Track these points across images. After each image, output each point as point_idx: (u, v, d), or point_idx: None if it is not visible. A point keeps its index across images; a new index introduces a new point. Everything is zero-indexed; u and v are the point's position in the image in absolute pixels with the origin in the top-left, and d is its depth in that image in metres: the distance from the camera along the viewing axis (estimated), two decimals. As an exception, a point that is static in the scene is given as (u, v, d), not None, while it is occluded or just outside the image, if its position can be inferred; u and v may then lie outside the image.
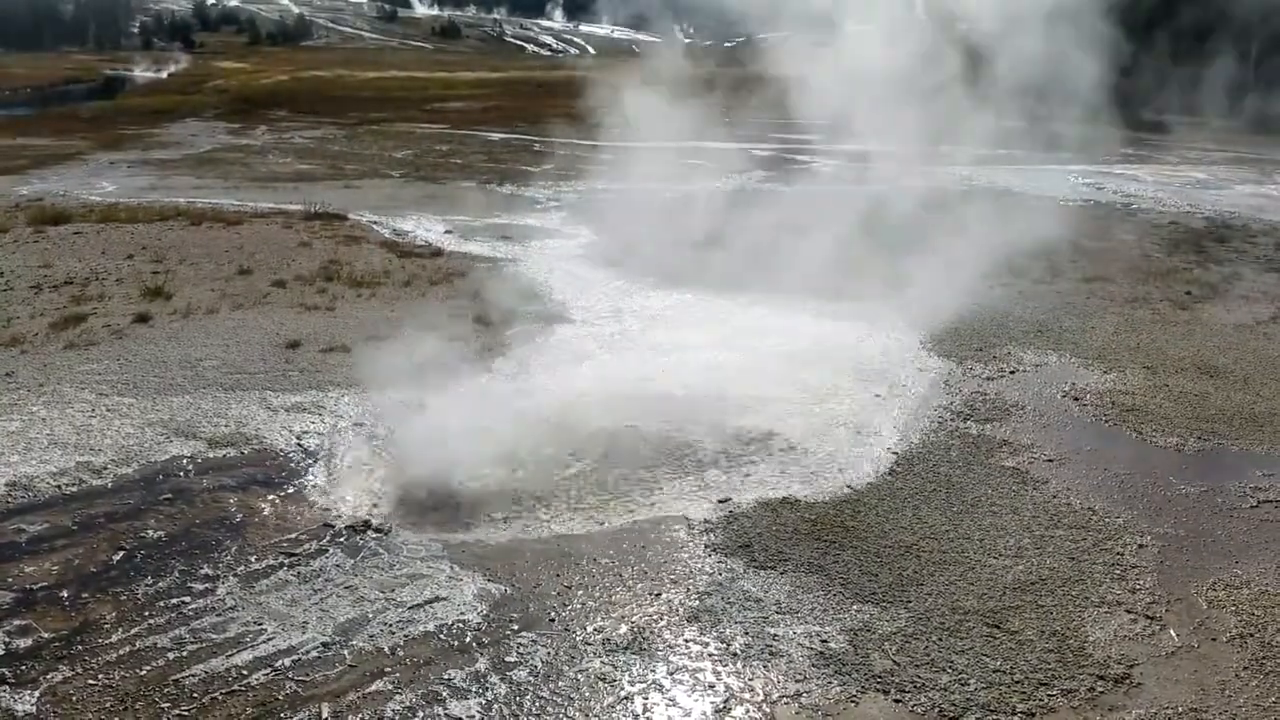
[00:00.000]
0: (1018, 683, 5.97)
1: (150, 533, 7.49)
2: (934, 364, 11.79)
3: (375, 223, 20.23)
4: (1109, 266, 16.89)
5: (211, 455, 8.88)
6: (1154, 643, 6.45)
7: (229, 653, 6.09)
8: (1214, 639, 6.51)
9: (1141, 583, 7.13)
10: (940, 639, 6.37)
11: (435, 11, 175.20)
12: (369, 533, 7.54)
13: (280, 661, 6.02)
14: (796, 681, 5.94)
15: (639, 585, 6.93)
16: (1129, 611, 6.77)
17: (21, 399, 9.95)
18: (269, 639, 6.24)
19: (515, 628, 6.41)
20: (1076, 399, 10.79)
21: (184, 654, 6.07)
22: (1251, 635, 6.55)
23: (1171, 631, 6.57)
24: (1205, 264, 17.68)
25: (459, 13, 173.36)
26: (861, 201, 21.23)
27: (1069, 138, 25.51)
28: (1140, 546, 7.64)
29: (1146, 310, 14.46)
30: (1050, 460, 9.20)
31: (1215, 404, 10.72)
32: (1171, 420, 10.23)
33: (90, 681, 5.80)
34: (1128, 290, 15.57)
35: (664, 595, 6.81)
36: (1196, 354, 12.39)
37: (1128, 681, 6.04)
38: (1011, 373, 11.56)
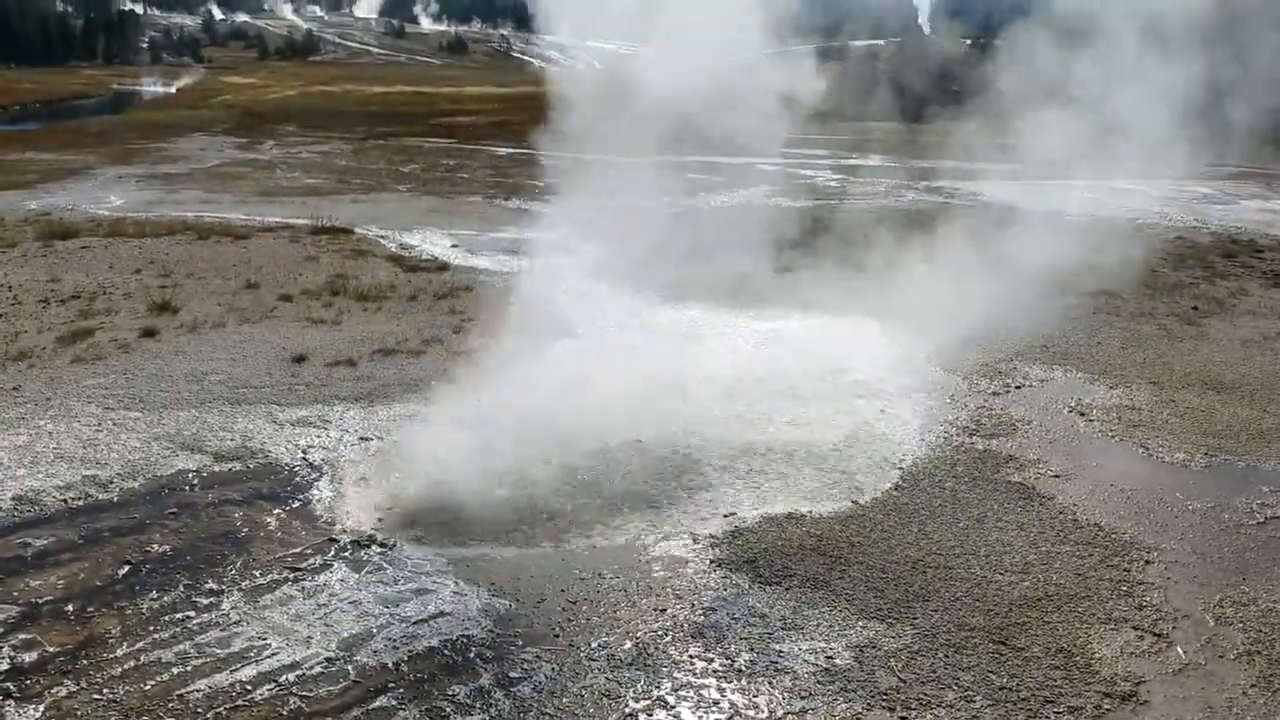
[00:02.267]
0: (1024, 700, 5.95)
1: (155, 547, 7.49)
2: (940, 379, 11.78)
3: (382, 237, 20.29)
4: (1115, 281, 16.85)
5: (217, 469, 8.89)
6: (1161, 660, 6.42)
7: (233, 668, 6.08)
8: (1221, 656, 6.48)
9: (1148, 599, 7.11)
10: (946, 656, 6.35)
11: (442, 27, 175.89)
12: (373, 547, 7.54)
13: (284, 677, 6.02)
14: (801, 698, 5.92)
15: (644, 600, 6.92)
16: (1136, 628, 6.74)
17: (28, 413, 9.98)
18: (273, 654, 6.23)
19: (520, 643, 6.40)
20: (1083, 414, 10.77)
21: (188, 669, 6.06)
22: (1259, 652, 6.51)
23: (1179, 649, 6.54)
24: (1212, 279, 17.65)
25: (465, 28, 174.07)
26: (866, 217, 21.27)
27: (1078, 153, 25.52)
28: (1147, 563, 7.62)
29: (1153, 325, 14.44)
30: (1057, 476, 9.17)
31: (1222, 419, 10.69)
32: (1178, 436, 10.21)
33: (95, 696, 5.79)
34: (1134, 305, 15.55)
35: (669, 611, 6.80)
36: (1203, 369, 12.37)
37: (1135, 699, 6.01)
38: (1017, 388, 11.54)
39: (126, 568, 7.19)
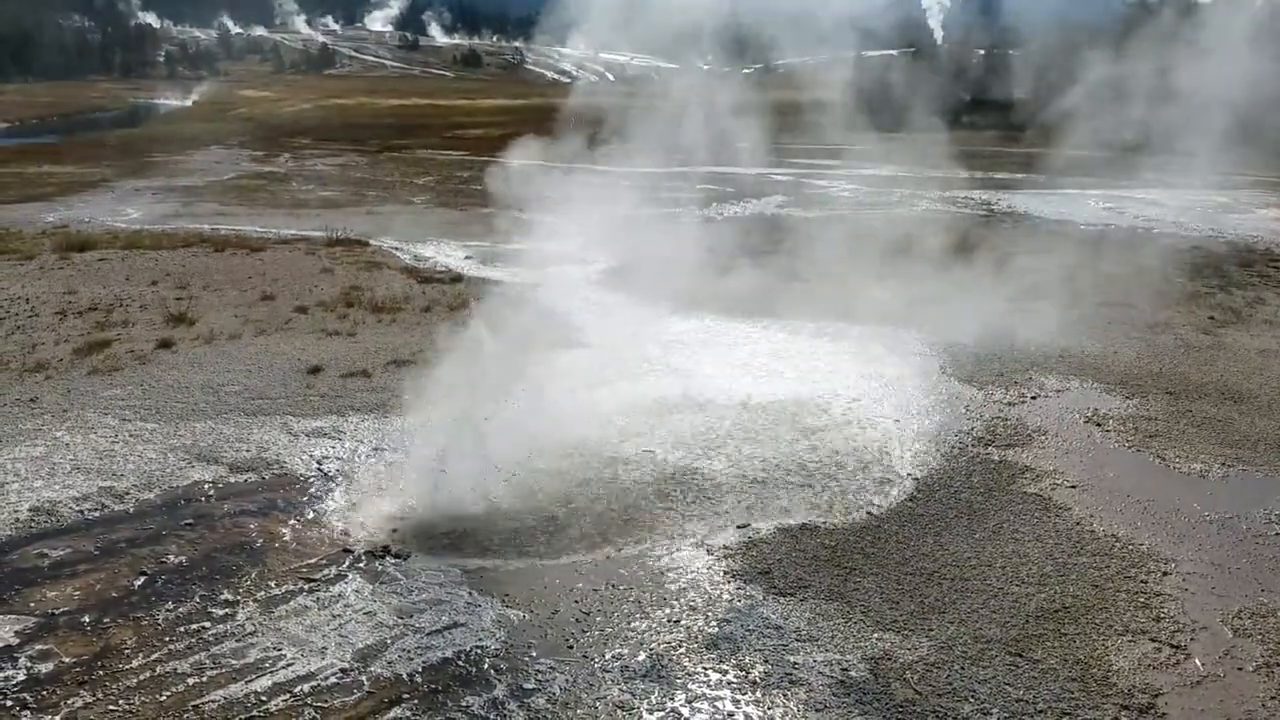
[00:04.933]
0: (1041, 713, 5.91)
1: (171, 558, 7.52)
2: (954, 389, 11.73)
3: (396, 249, 20.38)
4: (1131, 291, 16.79)
5: (233, 480, 8.92)
6: (1179, 672, 6.37)
7: (248, 678, 6.10)
8: (1240, 668, 6.43)
9: (1166, 610, 7.06)
10: (962, 668, 6.31)
11: (456, 40, 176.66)
12: (388, 558, 7.55)
13: (299, 688, 6.02)
14: (817, 711, 5.89)
15: (657, 612, 6.90)
16: (1153, 640, 6.69)
17: (45, 424, 10.03)
18: (288, 665, 6.24)
19: (533, 654, 6.40)
20: (1099, 425, 10.72)
21: (204, 680, 6.08)
22: (1278, 664, 6.46)
23: (1197, 660, 6.49)
24: (1228, 289, 17.56)
25: (479, 41, 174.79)
26: (880, 226, 21.21)
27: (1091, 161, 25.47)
28: (1164, 574, 7.56)
29: (1169, 335, 14.36)
30: (1073, 486, 9.12)
31: (1239, 430, 10.62)
32: (1195, 446, 10.15)
33: (110, 707, 5.81)
34: (1150, 315, 15.47)
35: (682, 622, 6.78)
36: (1220, 379, 12.29)
37: (1152, 711, 5.97)
38: (1033, 398, 11.49)
39: (142, 579, 7.22)
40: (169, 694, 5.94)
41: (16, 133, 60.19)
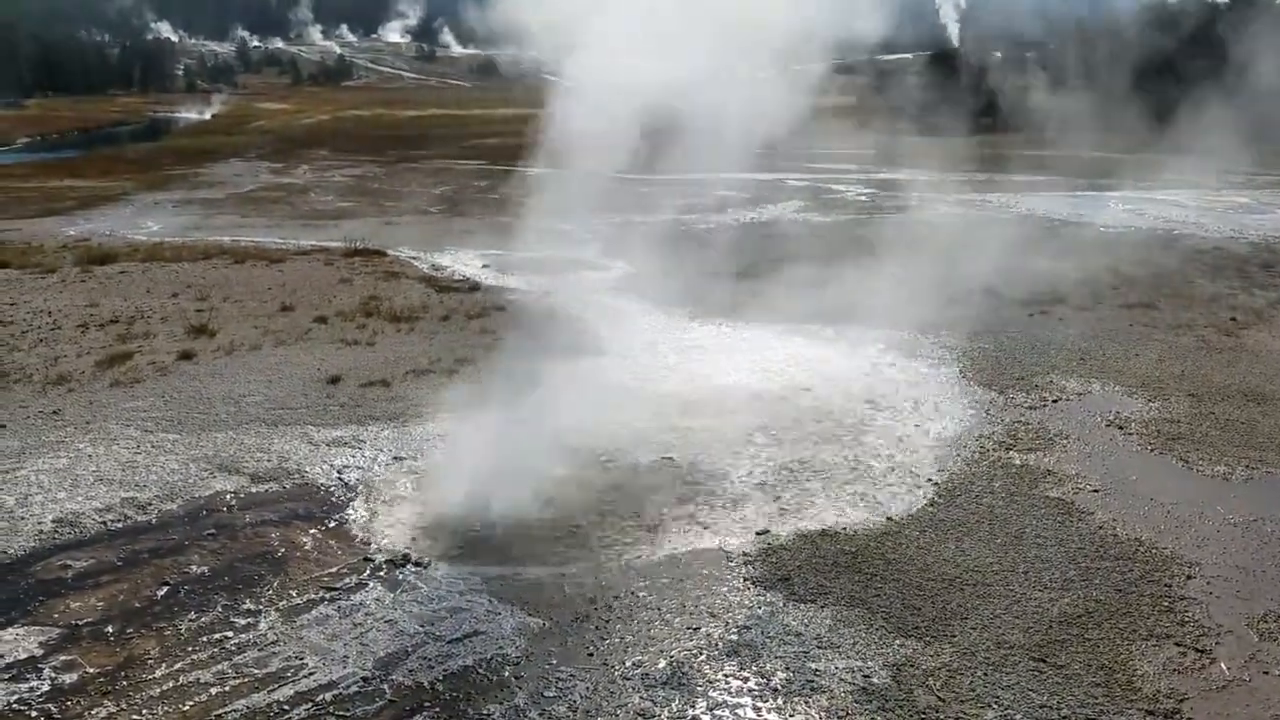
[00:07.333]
0: (1065, 718, 5.86)
1: (194, 568, 7.56)
2: (974, 393, 11.68)
3: (414, 258, 20.44)
4: (1152, 293, 16.70)
5: (254, 490, 8.97)
6: (1204, 676, 6.31)
7: (270, 688, 6.12)
8: (1266, 672, 6.36)
9: (1190, 615, 6.99)
10: (985, 674, 6.27)
11: (473, 50, 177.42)
12: (408, 566, 7.57)
13: (321, 696, 6.04)
14: (839, 718, 5.87)
15: (677, 619, 6.89)
16: (1178, 644, 6.63)
17: (68, 436, 10.11)
18: (310, 673, 6.26)
19: (554, 662, 6.39)
20: (1121, 428, 10.64)
21: (226, 689, 6.10)
22: (1306, 669, 6.39)
23: (1222, 665, 6.43)
24: (1250, 289, 17.41)
25: (496, 51, 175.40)
26: (898, 230, 21.15)
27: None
28: (1188, 578, 7.50)
29: (1191, 337, 14.25)
30: (1095, 490, 9.06)
31: (1263, 431, 10.52)
32: (1218, 448, 10.06)
33: (134, 717, 5.84)
34: (1171, 317, 15.36)
35: (703, 629, 6.76)
36: (1243, 380, 12.19)
37: (1178, 717, 5.91)
38: (1054, 401, 11.42)
39: (165, 589, 7.26)
40: (192, 703, 5.97)
41: (37, 148, 60.81)
